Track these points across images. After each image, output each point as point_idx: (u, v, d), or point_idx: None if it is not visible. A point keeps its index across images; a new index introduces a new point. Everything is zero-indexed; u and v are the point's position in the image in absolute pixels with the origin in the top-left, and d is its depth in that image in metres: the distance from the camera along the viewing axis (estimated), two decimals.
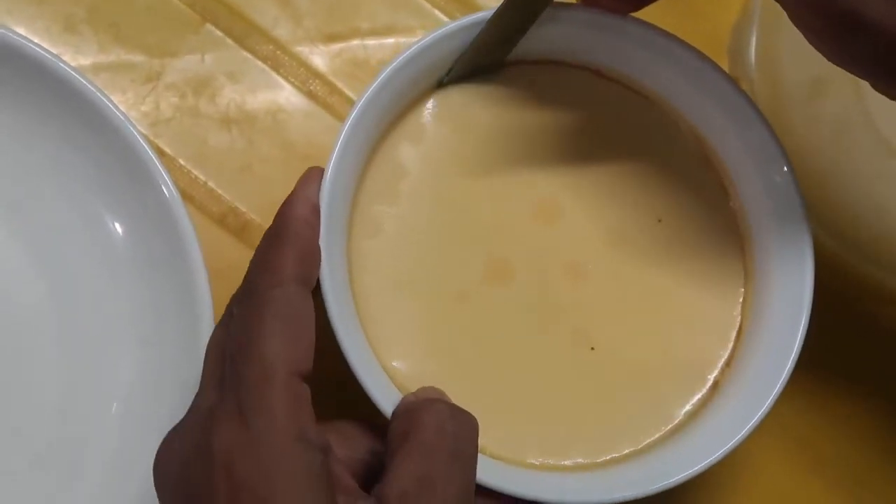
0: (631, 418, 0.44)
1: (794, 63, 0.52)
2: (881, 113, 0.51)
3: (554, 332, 0.44)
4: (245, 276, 0.38)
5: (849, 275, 0.53)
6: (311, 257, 0.39)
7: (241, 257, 0.39)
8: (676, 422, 0.44)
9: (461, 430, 0.37)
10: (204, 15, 0.53)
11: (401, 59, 0.43)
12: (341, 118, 0.53)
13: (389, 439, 0.37)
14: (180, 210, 0.46)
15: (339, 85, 0.54)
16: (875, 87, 0.39)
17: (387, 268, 0.44)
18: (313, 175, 0.41)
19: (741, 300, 0.46)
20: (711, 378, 0.45)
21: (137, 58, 0.53)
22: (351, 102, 0.53)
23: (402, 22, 0.54)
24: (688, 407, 0.45)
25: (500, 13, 0.43)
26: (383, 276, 0.43)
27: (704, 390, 0.45)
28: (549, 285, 0.45)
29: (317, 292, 0.40)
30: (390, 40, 0.54)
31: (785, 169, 0.45)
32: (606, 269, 0.45)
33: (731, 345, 0.45)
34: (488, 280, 0.44)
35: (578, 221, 0.45)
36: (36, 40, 0.47)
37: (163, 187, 0.46)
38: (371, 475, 0.38)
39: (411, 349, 0.43)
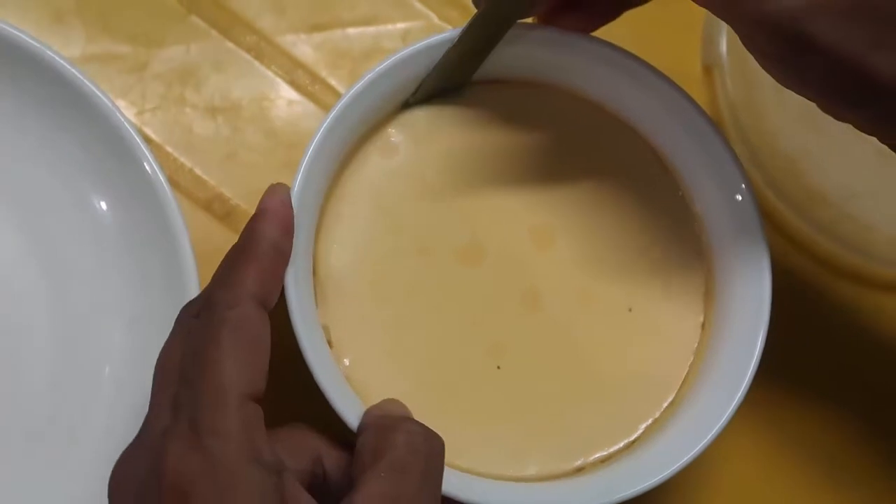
0: (592, 430, 0.45)
1: None
2: None
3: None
4: (205, 288, 0.38)
5: (812, 251, 0.55)
6: (273, 278, 0.38)
7: (226, 242, 0.40)
8: (636, 435, 0.45)
9: (432, 452, 0.37)
10: (189, 6, 0.54)
11: (365, 80, 0.43)
12: (325, 107, 0.54)
13: (358, 454, 0.37)
14: (165, 190, 0.47)
15: (323, 74, 0.55)
16: (823, 108, 0.40)
17: (352, 281, 0.44)
18: (280, 190, 0.40)
19: (702, 318, 0.46)
20: (671, 394, 0.45)
21: (124, 48, 0.54)
22: (333, 91, 0.54)
23: (384, 12, 0.55)
24: (648, 421, 0.45)
25: (465, 33, 0.43)
26: (350, 290, 0.44)
27: (664, 405, 0.45)
28: (512, 301, 0.45)
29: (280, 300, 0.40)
30: (372, 29, 0.55)
31: (743, 186, 0.45)
32: (570, 285, 0.46)
33: (690, 360, 0.46)
34: (450, 297, 0.45)
35: (542, 240, 0.46)
36: (26, 30, 0.48)
37: (148, 169, 0.47)
38: (316, 485, 0.38)
39: (372, 356, 0.44)
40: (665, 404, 0.45)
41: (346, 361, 0.43)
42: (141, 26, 0.54)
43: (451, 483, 0.40)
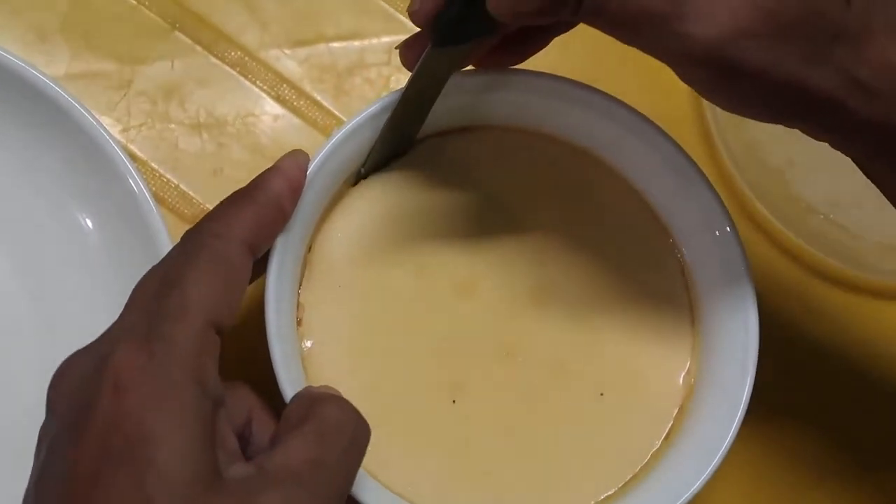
0: (571, 480, 0.44)
1: None
2: None
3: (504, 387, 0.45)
4: (199, 221, 0.39)
5: (802, 259, 0.55)
6: (267, 229, 0.39)
7: None
8: (614, 490, 0.44)
9: (358, 434, 0.37)
10: (173, 23, 0.54)
11: (320, 156, 0.42)
12: (310, 121, 0.54)
13: (286, 417, 0.37)
14: (151, 207, 0.47)
15: (307, 89, 0.55)
16: (781, 124, 0.40)
17: (344, 272, 0.44)
18: (299, 155, 0.41)
19: (687, 365, 0.46)
20: (651, 450, 0.45)
21: (108, 66, 0.54)
22: (318, 105, 0.54)
23: (367, 26, 0.55)
24: (627, 476, 0.44)
25: (402, 97, 0.43)
26: (337, 280, 0.44)
27: (647, 457, 0.44)
28: (486, 345, 0.45)
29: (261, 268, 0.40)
30: (356, 44, 0.55)
31: (728, 229, 0.45)
32: (542, 334, 0.45)
33: (673, 416, 0.45)
34: (431, 323, 0.45)
35: (503, 290, 0.45)
36: (10, 49, 0.48)
37: (133, 186, 0.47)
38: (240, 443, 0.37)
39: (334, 348, 0.44)
40: (628, 478, 0.44)
41: (308, 343, 0.43)
42: (125, 43, 0.54)
43: (368, 491, 0.40)
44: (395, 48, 0.43)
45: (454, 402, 0.44)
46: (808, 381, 0.54)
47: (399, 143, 0.45)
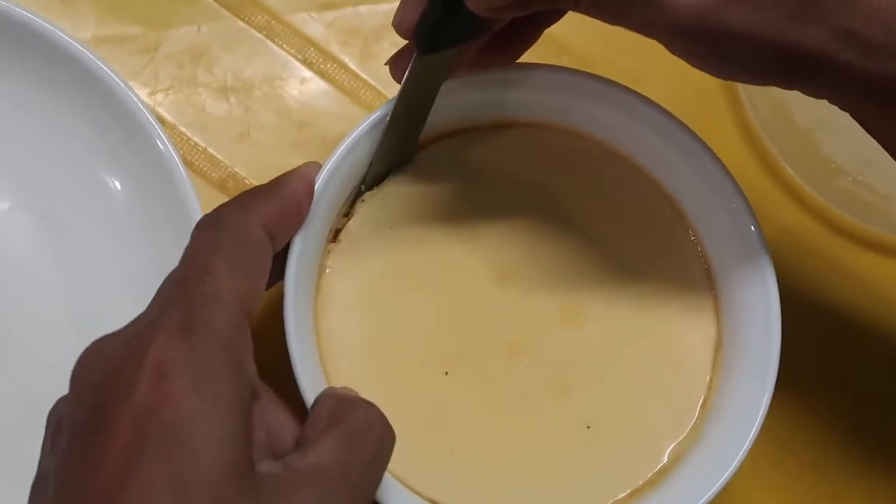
0: (614, 466, 0.43)
1: None
2: None
3: (524, 380, 0.44)
4: (216, 208, 0.38)
5: (830, 221, 0.55)
6: (286, 223, 0.39)
7: None
8: (663, 462, 0.44)
9: (385, 436, 0.37)
10: None
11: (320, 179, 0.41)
12: (337, 85, 0.54)
13: (315, 416, 0.37)
14: (179, 168, 0.47)
15: (334, 52, 0.55)
16: (779, 86, 0.40)
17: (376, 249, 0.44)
18: (314, 164, 0.41)
19: (711, 368, 0.45)
20: (692, 417, 0.44)
21: (135, 30, 0.54)
22: (345, 68, 0.54)
23: None
24: (670, 447, 0.44)
25: (396, 107, 0.42)
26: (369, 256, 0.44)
27: (685, 431, 0.44)
28: (514, 352, 0.44)
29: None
30: (383, 7, 0.55)
31: (752, 229, 0.44)
32: (561, 334, 0.45)
33: (706, 380, 0.45)
34: (455, 312, 0.44)
35: (536, 292, 0.45)
36: (39, 14, 0.48)
37: (161, 147, 0.47)
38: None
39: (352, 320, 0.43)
40: (665, 458, 0.44)
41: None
42: (151, 8, 0.54)
43: (395, 495, 0.40)
44: (385, 64, 0.43)
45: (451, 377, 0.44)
46: (835, 342, 0.54)
47: (397, 156, 0.45)
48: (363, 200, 0.44)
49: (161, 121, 0.51)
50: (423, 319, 0.44)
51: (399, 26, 0.41)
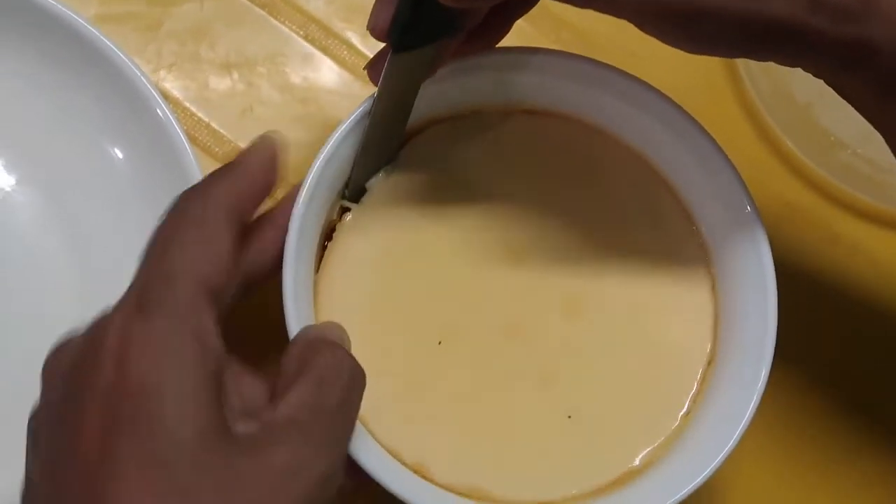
0: (586, 460, 0.43)
1: None
2: None
3: (515, 362, 0.44)
4: (179, 195, 0.38)
5: (829, 194, 0.55)
6: (251, 195, 0.39)
7: None
8: (633, 465, 0.44)
9: (354, 381, 0.37)
10: None
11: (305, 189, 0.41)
12: (339, 60, 0.55)
13: (285, 364, 0.37)
14: (182, 141, 0.48)
15: (336, 28, 0.55)
16: (758, 59, 0.40)
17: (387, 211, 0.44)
18: (271, 134, 0.41)
19: (699, 381, 0.45)
20: (671, 426, 0.44)
21: (138, 7, 0.54)
22: (347, 44, 0.55)
23: None
24: (643, 452, 0.44)
25: (375, 109, 0.42)
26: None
27: (661, 439, 0.44)
28: (515, 331, 0.44)
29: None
30: None
31: (748, 209, 0.44)
32: (561, 321, 0.45)
33: (692, 392, 0.44)
34: (453, 289, 0.44)
35: (542, 278, 0.45)
36: None
37: (163, 118, 0.48)
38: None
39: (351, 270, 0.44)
40: (663, 437, 0.44)
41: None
42: None
43: (366, 451, 0.40)
44: (364, 68, 0.43)
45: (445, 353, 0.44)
46: (834, 315, 0.54)
47: (380, 157, 0.45)
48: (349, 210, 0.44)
49: (165, 97, 0.51)
50: (425, 290, 0.44)
51: (374, 29, 0.40)
